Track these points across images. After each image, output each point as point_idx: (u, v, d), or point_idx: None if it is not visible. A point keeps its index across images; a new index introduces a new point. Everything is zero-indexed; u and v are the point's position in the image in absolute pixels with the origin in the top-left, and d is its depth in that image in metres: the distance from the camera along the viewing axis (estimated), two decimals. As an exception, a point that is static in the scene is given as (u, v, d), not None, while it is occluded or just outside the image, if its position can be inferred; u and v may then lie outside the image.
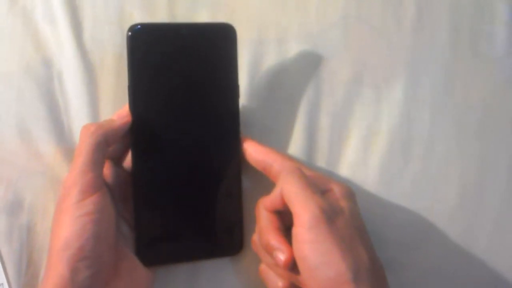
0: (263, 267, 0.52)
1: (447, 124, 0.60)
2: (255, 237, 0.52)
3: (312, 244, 0.44)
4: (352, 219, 0.47)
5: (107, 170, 0.52)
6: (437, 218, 0.59)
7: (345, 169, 0.58)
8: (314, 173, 0.51)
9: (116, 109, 0.53)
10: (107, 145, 0.48)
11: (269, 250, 0.48)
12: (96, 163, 0.47)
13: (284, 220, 0.49)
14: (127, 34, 0.50)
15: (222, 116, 0.53)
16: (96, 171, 0.47)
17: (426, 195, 0.59)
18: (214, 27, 0.53)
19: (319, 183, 0.49)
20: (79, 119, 0.55)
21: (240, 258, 0.55)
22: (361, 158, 0.59)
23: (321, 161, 0.58)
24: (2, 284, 0.52)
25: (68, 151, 0.55)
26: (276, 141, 0.57)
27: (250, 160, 0.53)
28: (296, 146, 0.58)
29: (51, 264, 0.45)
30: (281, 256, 0.47)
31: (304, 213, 0.45)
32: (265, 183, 0.53)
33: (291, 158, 0.53)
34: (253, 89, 0.58)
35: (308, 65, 0.59)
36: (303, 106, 0.58)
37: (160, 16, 0.58)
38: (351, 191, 0.50)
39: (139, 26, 0.50)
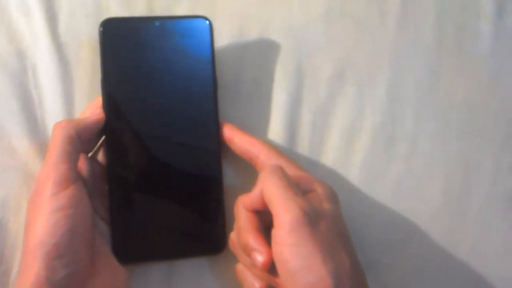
0: (240, 267, 0.50)
1: (431, 123, 0.60)
2: (233, 236, 0.51)
3: (292, 247, 0.43)
4: (335, 222, 0.46)
5: (83, 165, 0.50)
6: (420, 218, 0.58)
7: (326, 167, 0.57)
8: (298, 171, 0.50)
9: (91, 102, 0.53)
10: (80, 140, 0.47)
11: (247, 251, 0.47)
12: (69, 155, 0.46)
13: (264, 220, 0.48)
14: (99, 29, 0.50)
15: (200, 109, 0.53)
16: (69, 163, 0.46)
17: (410, 195, 0.58)
18: (189, 19, 0.53)
19: (302, 183, 0.48)
20: (53, 113, 0.54)
21: (218, 259, 0.54)
22: (343, 156, 0.58)
23: (302, 159, 0.57)
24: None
25: (42, 146, 0.54)
26: (256, 137, 0.56)
27: (236, 149, 0.53)
28: (276, 143, 0.57)
29: (26, 261, 0.44)
30: (259, 258, 0.45)
31: (285, 215, 0.43)
32: (250, 180, 0.52)
33: (277, 150, 0.52)
34: (233, 84, 0.57)
35: (290, 60, 0.58)
36: (284, 103, 0.57)
37: (139, 8, 0.57)
38: (335, 193, 0.49)
39: (111, 21, 0.50)
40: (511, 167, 0.60)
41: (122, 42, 0.50)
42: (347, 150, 0.58)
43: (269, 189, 0.45)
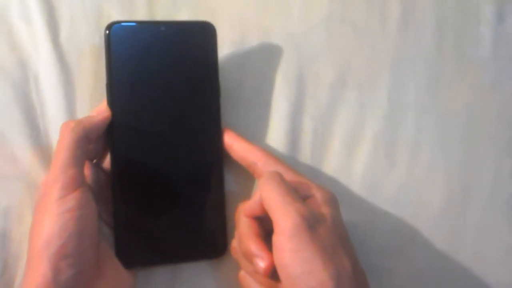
0: (242, 274, 0.51)
1: (431, 128, 0.60)
2: (234, 243, 0.51)
3: (293, 252, 0.43)
4: (335, 226, 0.46)
5: (87, 171, 0.50)
6: (422, 223, 0.58)
7: (328, 174, 0.58)
8: (296, 177, 0.50)
9: (93, 110, 0.52)
10: (88, 141, 0.48)
11: (249, 257, 0.47)
12: (77, 159, 0.46)
13: (265, 226, 0.48)
14: (105, 32, 0.50)
15: (203, 115, 0.53)
16: (77, 167, 0.46)
17: (411, 200, 0.58)
18: (193, 24, 0.53)
19: (300, 189, 0.48)
20: (55, 122, 0.54)
21: (220, 263, 0.54)
22: (344, 162, 0.58)
23: (303, 166, 0.57)
24: (-25, 291, 0.51)
25: (44, 155, 0.54)
26: (258, 144, 0.55)
27: (235, 156, 0.53)
28: (278, 150, 0.57)
29: (32, 264, 0.44)
30: (261, 263, 0.45)
31: (285, 221, 0.43)
32: (251, 185, 0.53)
33: (275, 157, 0.52)
34: (234, 92, 0.57)
35: (291, 67, 0.58)
36: (285, 109, 0.58)
37: (139, 17, 0.57)
38: (334, 197, 0.49)
39: (117, 24, 0.50)
40: (512, 171, 0.61)
41: (127, 45, 0.50)
42: (348, 156, 0.58)
43: (268, 195, 0.45)
